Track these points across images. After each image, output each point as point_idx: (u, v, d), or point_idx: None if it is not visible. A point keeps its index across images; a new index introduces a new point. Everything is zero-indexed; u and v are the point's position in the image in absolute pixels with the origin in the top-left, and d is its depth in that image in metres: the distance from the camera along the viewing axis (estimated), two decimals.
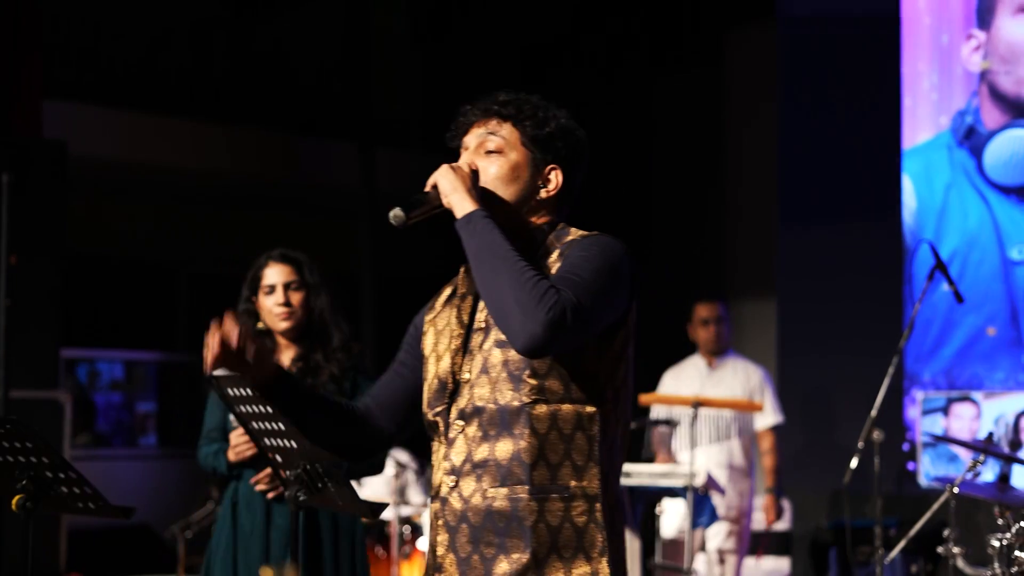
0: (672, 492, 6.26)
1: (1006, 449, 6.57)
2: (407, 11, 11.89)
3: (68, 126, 8.96)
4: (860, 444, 5.82)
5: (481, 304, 2.71)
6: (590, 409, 2.61)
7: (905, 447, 7.62)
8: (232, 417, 4.34)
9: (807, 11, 8.59)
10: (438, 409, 2.70)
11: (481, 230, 2.58)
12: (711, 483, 6.14)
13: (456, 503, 2.62)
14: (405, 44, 11.86)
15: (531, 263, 2.54)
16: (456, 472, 2.63)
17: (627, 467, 6.27)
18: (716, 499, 6.44)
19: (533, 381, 2.58)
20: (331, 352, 4.38)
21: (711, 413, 6.83)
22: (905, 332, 5.89)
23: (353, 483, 4.68)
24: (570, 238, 2.71)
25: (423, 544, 7.14)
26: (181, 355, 11.40)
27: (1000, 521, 5.18)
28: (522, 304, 2.47)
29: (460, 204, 2.63)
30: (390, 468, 7.19)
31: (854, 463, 5.84)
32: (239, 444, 4.28)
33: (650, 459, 7.08)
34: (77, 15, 10.16)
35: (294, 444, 3.24)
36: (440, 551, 2.64)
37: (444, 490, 2.64)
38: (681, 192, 10.36)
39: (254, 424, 3.33)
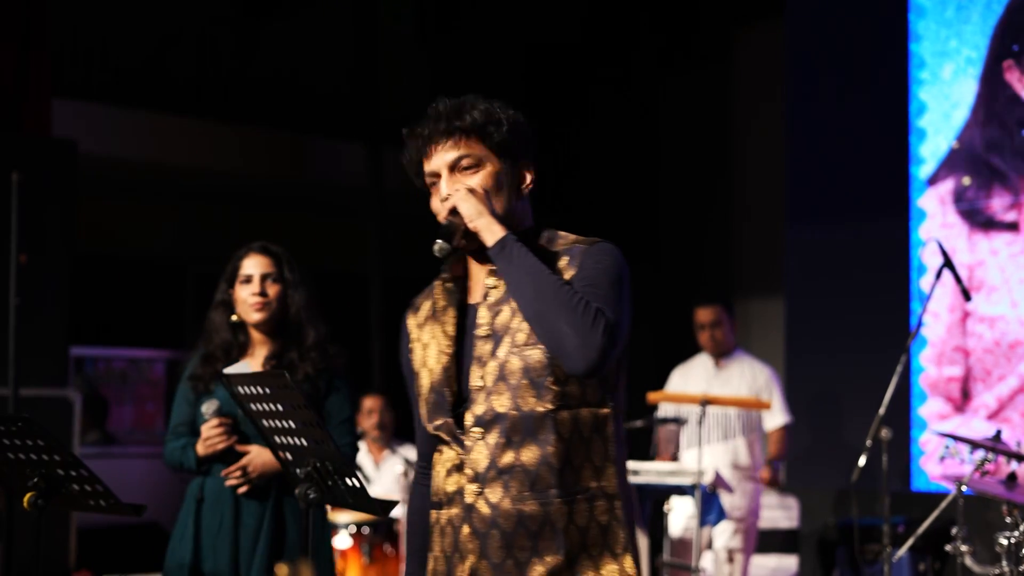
0: (680, 490, 6.26)
1: (1014, 447, 6.57)
2: (414, 10, 11.90)
3: (77, 125, 8.98)
4: (868, 442, 5.83)
5: (481, 311, 2.72)
6: (604, 411, 2.68)
7: (912, 445, 7.62)
8: (203, 410, 4.29)
9: (816, 9, 8.58)
10: (438, 423, 2.72)
11: (517, 255, 2.62)
12: (719, 481, 6.15)
13: (484, 509, 2.64)
14: (412, 43, 11.87)
15: (566, 282, 2.60)
16: (480, 479, 2.65)
17: (635, 465, 6.28)
18: (724, 497, 6.44)
19: (556, 387, 2.62)
20: (305, 351, 4.29)
21: (717, 412, 6.84)
22: (913, 330, 5.90)
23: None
24: (563, 242, 2.74)
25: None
26: (189, 353, 11.40)
27: (1008, 519, 5.19)
28: (576, 328, 2.53)
29: (488, 229, 2.65)
30: (399, 466, 7.20)
31: (862, 461, 5.85)
32: (211, 436, 4.18)
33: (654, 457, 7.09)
34: (86, 14, 10.18)
35: (304, 442, 3.25)
36: (472, 559, 2.66)
37: (469, 497, 2.66)
38: (689, 191, 10.36)
39: (264, 422, 3.34)
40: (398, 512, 7.18)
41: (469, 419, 2.67)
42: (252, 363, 4.33)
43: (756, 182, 9.97)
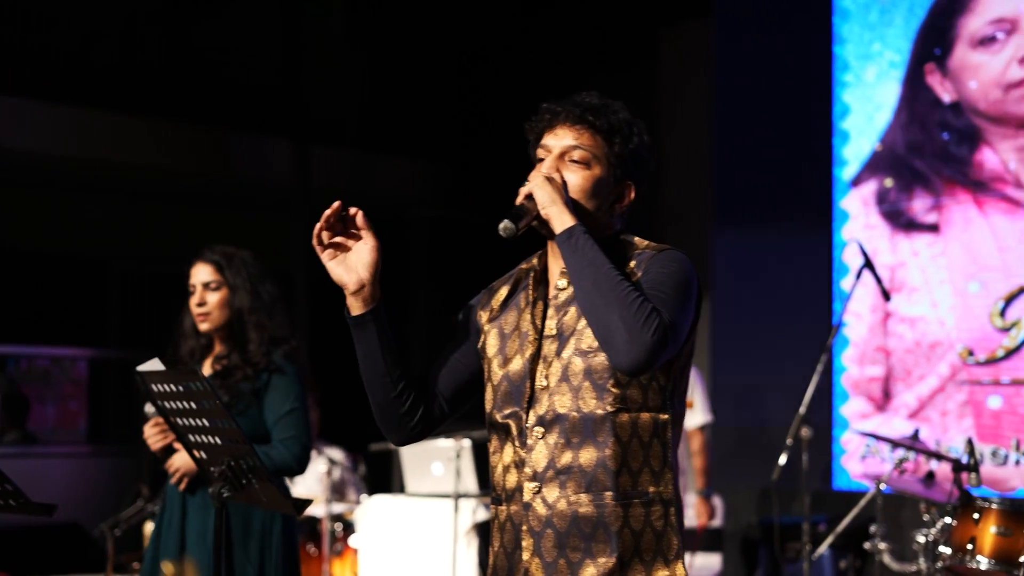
0: None
1: (932, 446, 6.65)
2: (344, 8, 11.86)
3: None
4: (789, 441, 5.87)
5: (551, 311, 2.75)
6: (664, 416, 2.70)
7: (834, 444, 7.69)
8: (146, 411, 4.32)
9: (741, 11, 8.63)
10: (508, 412, 2.72)
11: (582, 246, 2.64)
12: None
13: (541, 509, 2.66)
14: (341, 41, 11.82)
15: (627, 279, 2.61)
16: (538, 478, 2.66)
17: None
18: None
19: (616, 390, 2.64)
20: (247, 354, 4.32)
21: None
22: (832, 329, 5.95)
23: (286, 481, 4.65)
24: (638, 249, 2.78)
25: (355, 541, 7.13)
26: (112, 351, 11.30)
27: (926, 517, 5.26)
28: (628, 324, 2.54)
29: (559, 217, 2.68)
30: (323, 465, 7.17)
31: (783, 460, 5.89)
32: (150, 436, 4.26)
33: None
34: (7, 6, 10.05)
35: (218, 440, 3.23)
36: (525, 556, 2.67)
37: (527, 495, 2.67)
38: None
39: (178, 420, 3.32)
40: (319, 511, 7.15)
41: (531, 418, 2.69)
42: (207, 364, 4.39)
43: (680, 183, 10.01)
